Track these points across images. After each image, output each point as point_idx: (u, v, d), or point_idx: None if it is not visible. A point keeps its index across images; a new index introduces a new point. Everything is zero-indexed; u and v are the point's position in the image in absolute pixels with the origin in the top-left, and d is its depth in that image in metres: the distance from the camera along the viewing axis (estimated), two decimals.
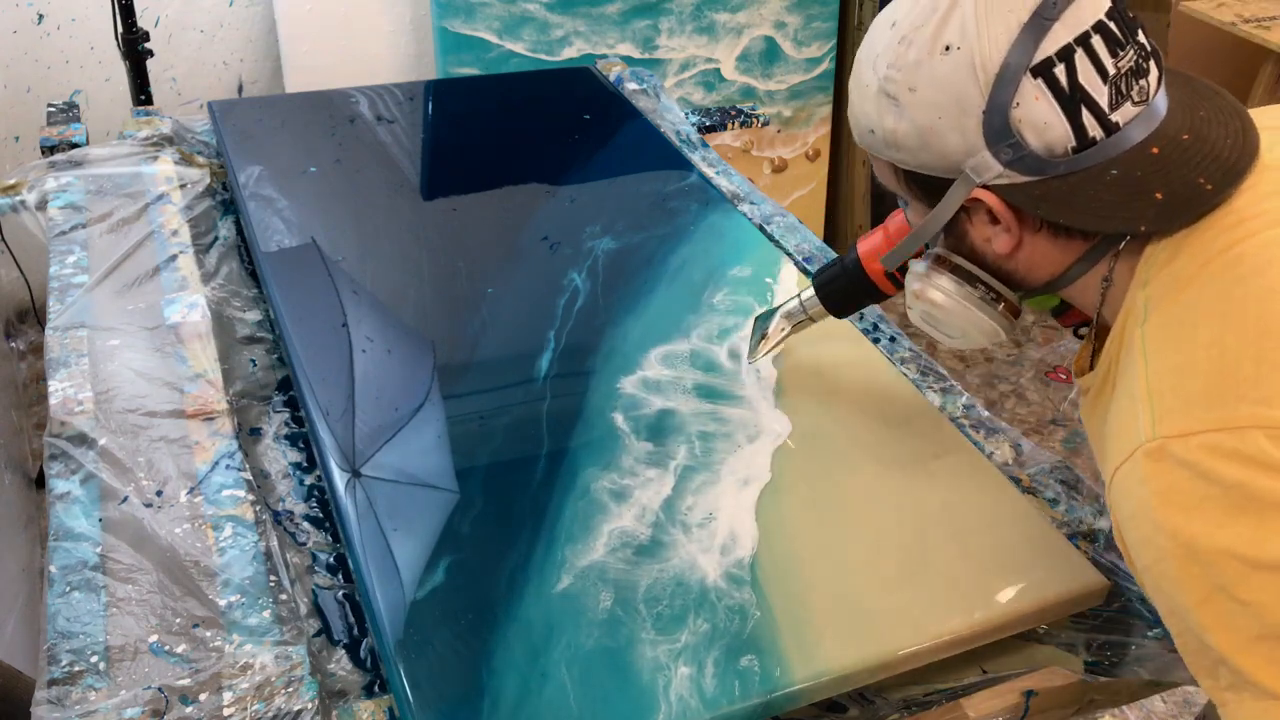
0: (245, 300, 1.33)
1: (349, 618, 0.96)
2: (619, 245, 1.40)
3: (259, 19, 2.57)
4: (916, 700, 0.93)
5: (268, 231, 1.36)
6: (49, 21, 2.40)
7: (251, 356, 1.24)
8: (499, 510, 1.01)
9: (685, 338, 1.24)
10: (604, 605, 0.91)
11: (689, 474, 1.05)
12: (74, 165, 1.49)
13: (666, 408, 1.14)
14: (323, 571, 1.00)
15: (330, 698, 0.88)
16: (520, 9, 2.50)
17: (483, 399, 1.14)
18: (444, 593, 0.92)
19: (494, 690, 0.85)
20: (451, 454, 1.07)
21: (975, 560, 0.99)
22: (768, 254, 1.41)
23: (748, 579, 0.95)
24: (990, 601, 0.95)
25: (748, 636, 0.90)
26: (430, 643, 0.88)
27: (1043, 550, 1.00)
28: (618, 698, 0.85)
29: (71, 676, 0.85)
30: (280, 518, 1.05)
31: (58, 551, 0.95)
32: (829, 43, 2.82)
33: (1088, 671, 0.95)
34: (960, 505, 1.04)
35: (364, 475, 1.02)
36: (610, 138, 1.69)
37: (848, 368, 1.23)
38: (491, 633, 0.89)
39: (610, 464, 1.06)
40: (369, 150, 1.57)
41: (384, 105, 1.68)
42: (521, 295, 1.30)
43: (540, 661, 0.87)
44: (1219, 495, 0.70)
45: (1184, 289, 0.77)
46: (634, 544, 0.97)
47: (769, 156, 2.89)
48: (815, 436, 1.12)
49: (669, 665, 0.87)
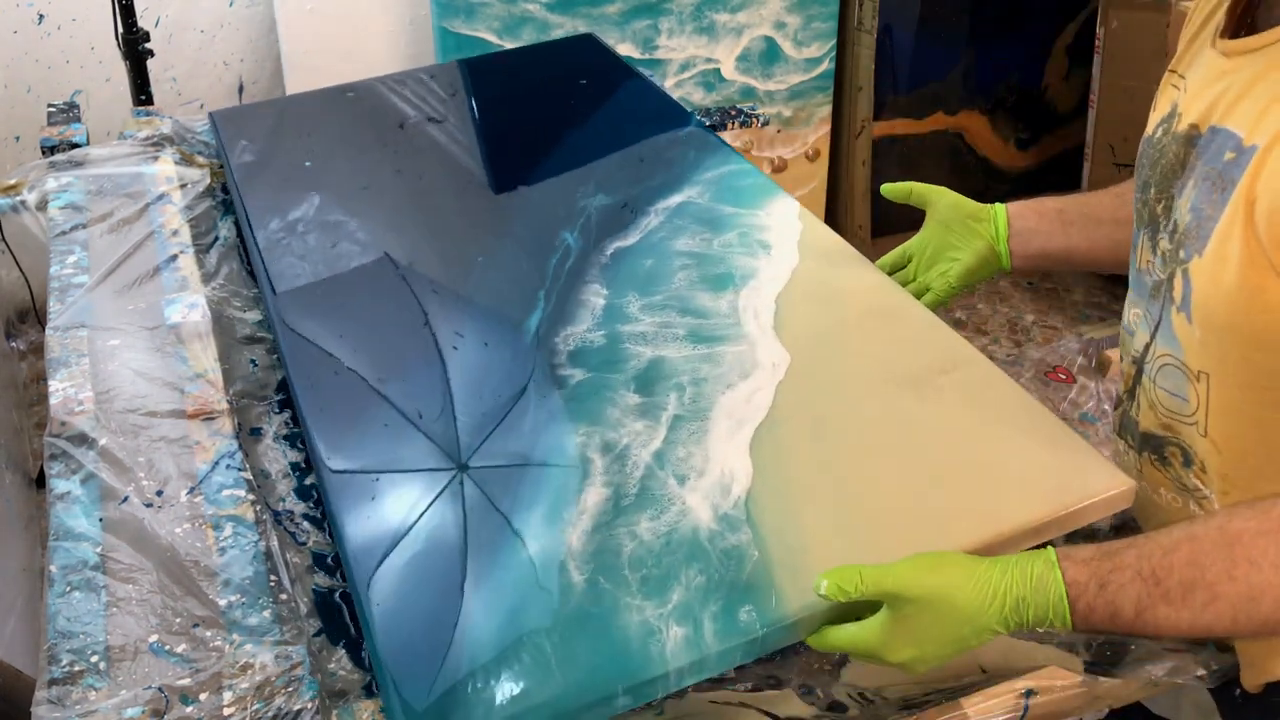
0: (245, 300, 1.33)
1: (349, 618, 0.96)
2: (612, 200, 1.37)
3: (259, 19, 2.57)
4: (916, 700, 0.93)
5: (262, 212, 1.35)
6: (49, 21, 2.41)
7: (252, 356, 1.24)
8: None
9: (682, 275, 1.22)
10: (590, 554, 0.90)
11: (680, 423, 1.03)
12: (74, 165, 1.49)
13: (659, 355, 1.11)
14: (323, 571, 1.00)
15: (330, 698, 0.88)
16: (520, 9, 2.51)
17: (470, 353, 1.13)
18: (422, 555, 0.91)
19: (473, 635, 0.84)
20: (435, 406, 1.06)
21: (988, 471, 0.94)
22: (768, 191, 1.38)
23: (743, 517, 0.92)
24: (1005, 513, 0.90)
25: (745, 576, 0.88)
26: (408, 597, 0.87)
27: (1062, 454, 0.95)
28: (607, 640, 0.84)
29: (72, 676, 0.85)
30: (280, 517, 1.05)
31: (58, 551, 0.95)
32: (829, 43, 2.82)
33: (1088, 671, 0.95)
34: (972, 419, 1.00)
35: (339, 471, 1.01)
36: (609, 100, 1.67)
37: (852, 294, 1.18)
38: (474, 589, 0.88)
39: (601, 418, 1.04)
40: (366, 139, 1.56)
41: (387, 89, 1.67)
42: (512, 254, 1.28)
43: (525, 601, 0.86)
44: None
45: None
46: (628, 493, 0.96)
47: (769, 156, 2.90)
48: (816, 365, 1.08)
49: (661, 615, 0.85)
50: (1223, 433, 0.94)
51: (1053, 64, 3.12)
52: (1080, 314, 3.10)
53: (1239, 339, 0.88)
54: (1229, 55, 0.92)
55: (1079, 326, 3.01)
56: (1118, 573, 0.81)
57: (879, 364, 1.08)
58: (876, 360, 1.08)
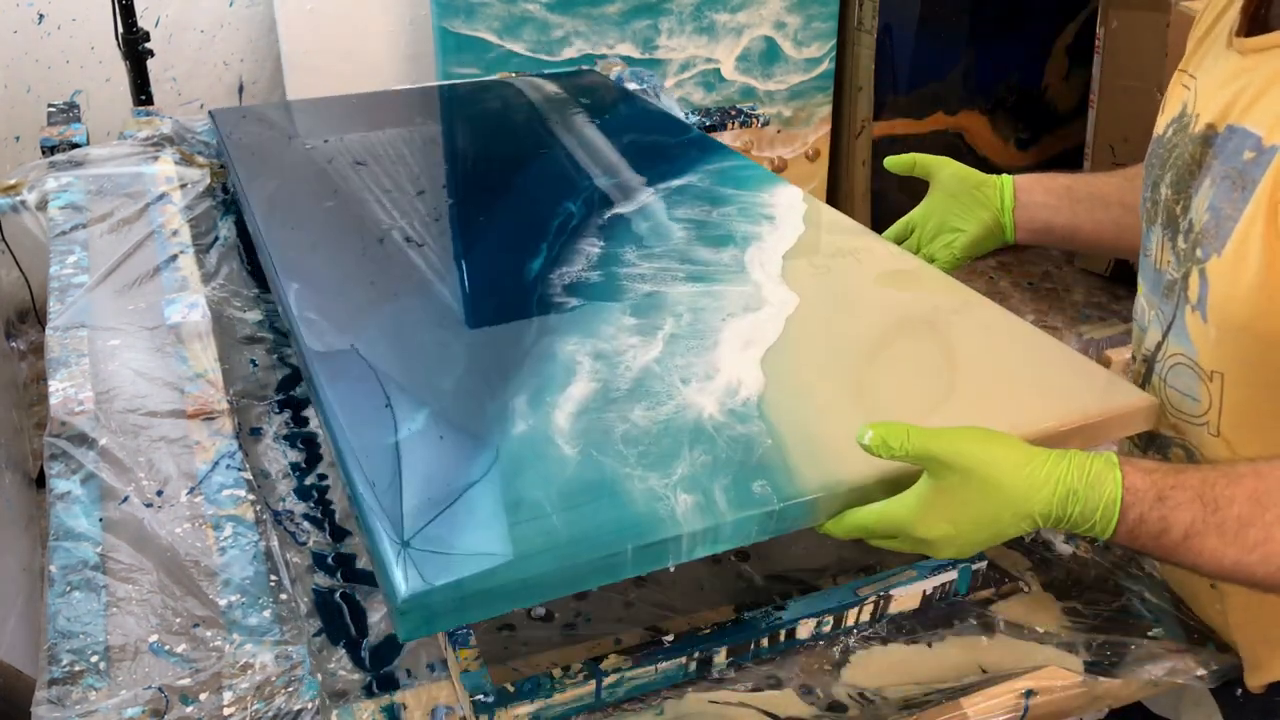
0: (245, 300, 1.33)
1: (349, 618, 0.96)
2: (616, 181, 1.38)
3: (259, 19, 2.57)
4: (916, 700, 0.93)
5: (269, 215, 1.35)
6: (49, 21, 2.41)
7: (252, 356, 1.24)
8: (485, 372, 0.98)
9: (682, 234, 1.22)
10: (595, 440, 0.88)
11: (678, 339, 1.01)
12: (74, 165, 1.49)
13: (661, 290, 1.10)
14: (323, 571, 1.00)
15: (330, 698, 0.88)
16: (520, 9, 2.51)
17: (472, 291, 1.13)
18: (421, 439, 0.89)
19: (471, 509, 0.80)
20: (436, 326, 1.05)
21: (1009, 383, 0.92)
22: (770, 180, 1.38)
23: (754, 414, 0.90)
24: (1027, 419, 0.87)
25: (755, 460, 0.85)
26: (406, 481, 0.84)
27: (1082, 375, 0.94)
28: (608, 511, 0.80)
29: (72, 676, 0.85)
30: (280, 517, 1.05)
31: (58, 551, 0.95)
32: (829, 43, 2.83)
33: (1088, 671, 0.95)
34: (988, 347, 0.99)
35: (334, 351, 1.00)
36: (612, 123, 1.69)
37: (859, 254, 1.18)
38: (472, 462, 0.86)
39: (604, 335, 1.02)
40: (377, 147, 1.57)
41: (388, 113, 1.68)
42: (515, 217, 1.29)
43: (524, 485, 0.83)
44: None
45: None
46: (630, 394, 0.94)
47: (769, 156, 2.90)
48: (826, 305, 1.06)
49: (668, 486, 0.82)
50: (1236, 433, 0.93)
51: (1053, 64, 3.12)
52: (1080, 314, 3.10)
53: (1257, 339, 0.86)
54: (1244, 54, 0.91)
55: (1079, 326, 3.02)
56: (1178, 490, 0.78)
57: (892, 306, 1.06)
58: (889, 303, 1.07)
